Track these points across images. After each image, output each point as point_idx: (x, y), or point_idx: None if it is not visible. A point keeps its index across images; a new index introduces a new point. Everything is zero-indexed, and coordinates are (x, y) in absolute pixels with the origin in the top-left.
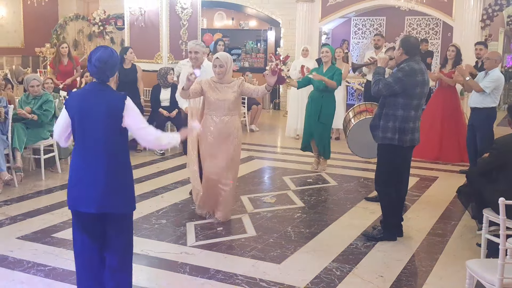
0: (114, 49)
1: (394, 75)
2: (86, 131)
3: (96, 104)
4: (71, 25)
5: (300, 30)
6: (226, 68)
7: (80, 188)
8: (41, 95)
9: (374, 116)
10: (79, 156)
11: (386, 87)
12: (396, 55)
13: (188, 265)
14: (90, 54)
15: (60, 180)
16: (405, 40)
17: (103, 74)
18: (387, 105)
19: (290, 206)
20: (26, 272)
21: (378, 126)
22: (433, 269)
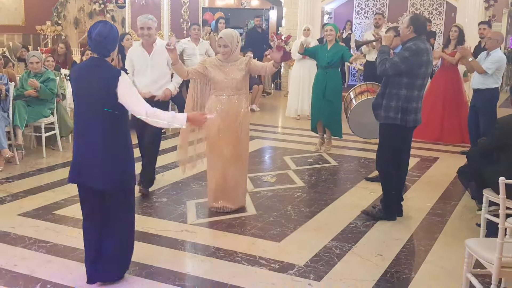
0: (114, 24)
1: (400, 54)
2: (82, 105)
3: (91, 79)
4: (72, 3)
5: (302, 10)
6: (231, 48)
7: (79, 163)
8: (42, 72)
9: (376, 95)
10: (78, 129)
11: (392, 66)
12: (403, 32)
13: (188, 242)
14: (89, 30)
15: (61, 158)
16: (415, 18)
17: (103, 49)
18: (390, 84)
19: (290, 185)
20: (27, 248)
21: (380, 105)
22: (432, 248)
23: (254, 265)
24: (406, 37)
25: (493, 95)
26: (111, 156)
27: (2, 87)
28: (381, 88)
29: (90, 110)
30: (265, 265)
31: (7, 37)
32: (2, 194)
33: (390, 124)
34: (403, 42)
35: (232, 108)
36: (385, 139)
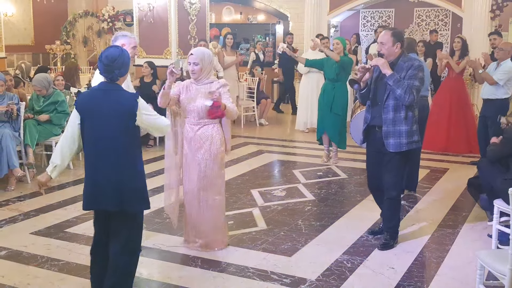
0: (126, 50)
1: (417, 77)
2: (96, 130)
3: (106, 104)
4: (81, 22)
5: (308, 23)
6: (201, 66)
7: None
8: (50, 94)
9: (386, 122)
10: (90, 155)
11: (418, 92)
12: (391, 51)
13: (200, 258)
14: (101, 53)
15: (72, 176)
16: (398, 33)
17: (111, 73)
18: (405, 107)
19: (301, 199)
20: (40, 267)
21: (397, 132)
22: (444, 260)
23: (265, 280)
24: (394, 55)
25: (503, 105)
26: (126, 178)
27: (13, 107)
28: (388, 113)
29: (104, 134)
30: (276, 280)
31: (17, 56)
32: (14, 213)
33: (410, 150)
34: (390, 60)
35: (195, 138)
36: (402, 166)
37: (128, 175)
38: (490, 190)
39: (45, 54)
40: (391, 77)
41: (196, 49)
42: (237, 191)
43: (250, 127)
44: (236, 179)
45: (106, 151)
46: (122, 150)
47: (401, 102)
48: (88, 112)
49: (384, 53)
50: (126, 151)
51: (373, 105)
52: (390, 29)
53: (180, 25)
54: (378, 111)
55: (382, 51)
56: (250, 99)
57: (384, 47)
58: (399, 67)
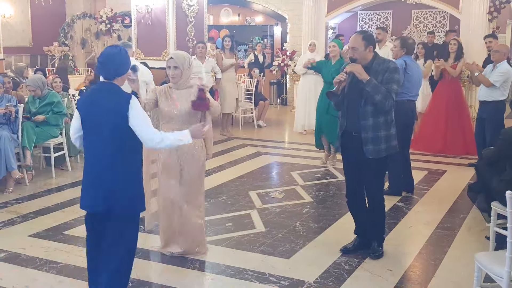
0: (125, 49)
1: (395, 79)
2: (92, 130)
3: (101, 103)
4: (79, 24)
5: (306, 25)
6: (181, 70)
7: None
8: (46, 95)
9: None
10: (88, 154)
11: (396, 96)
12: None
13: (197, 260)
14: (101, 53)
15: (70, 178)
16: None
17: (107, 71)
18: (386, 112)
19: (299, 201)
20: (38, 269)
21: (375, 138)
22: (442, 262)
23: (264, 282)
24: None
25: (500, 107)
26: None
27: (12, 109)
28: (367, 119)
29: (100, 134)
30: (275, 282)
31: (15, 58)
32: (12, 215)
33: (388, 155)
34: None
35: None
36: (382, 170)
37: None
38: (488, 191)
39: (43, 56)
40: (368, 84)
41: (175, 53)
42: (235, 193)
43: (248, 129)
44: (234, 181)
45: (100, 151)
46: (116, 151)
47: (381, 108)
48: (86, 111)
49: (357, 58)
50: (119, 152)
51: (348, 110)
52: (360, 33)
53: (178, 27)
54: (354, 116)
55: (355, 56)
56: (248, 101)
57: (357, 52)
58: (373, 71)
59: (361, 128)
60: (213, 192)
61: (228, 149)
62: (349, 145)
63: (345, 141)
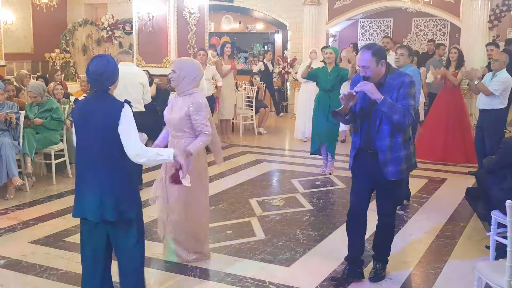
0: (111, 57)
1: (411, 94)
2: (85, 139)
3: (94, 113)
4: (80, 30)
5: (307, 33)
6: (178, 75)
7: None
8: (45, 102)
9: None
10: (80, 163)
11: (414, 112)
12: (378, 72)
13: (198, 268)
14: (88, 65)
15: (71, 185)
16: (379, 50)
17: (101, 85)
18: (403, 131)
19: (299, 209)
20: (39, 276)
21: (396, 158)
22: (442, 271)
23: None
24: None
25: (500, 115)
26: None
27: (12, 116)
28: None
29: (92, 143)
30: None
31: (16, 64)
32: (13, 222)
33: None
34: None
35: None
36: (398, 191)
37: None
38: (488, 200)
39: (44, 62)
40: (383, 104)
41: (178, 59)
42: (236, 200)
43: (249, 136)
44: (235, 189)
45: (91, 161)
46: (107, 161)
47: (400, 126)
48: (79, 120)
49: (370, 76)
50: (111, 162)
51: (361, 127)
52: (368, 48)
53: (179, 34)
54: (368, 134)
55: (367, 74)
56: (248, 108)
57: (369, 70)
58: (388, 86)
59: (378, 149)
60: (213, 199)
61: (228, 156)
62: (363, 165)
63: (359, 160)
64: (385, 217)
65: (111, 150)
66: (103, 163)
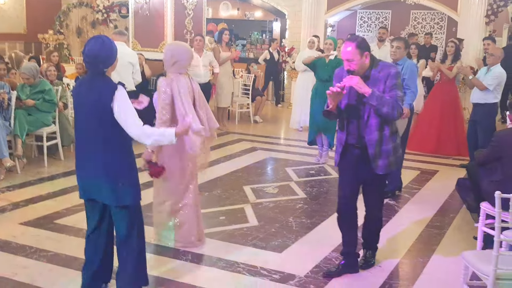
0: (107, 38)
1: (396, 86)
2: (82, 120)
3: (88, 94)
4: (75, 12)
5: (305, 22)
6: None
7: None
8: (37, 83)
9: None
10: (79, 144)
11: (402, 102)
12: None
13: (190, 253)
14: (84, 46)
15: (62, 167)
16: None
17: (96, 67)
18: (389, 123)
19: (292, 197)
20: (28, 257)
21: (384, 152)
22: (430, 260)
23: (255, 275)
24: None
25: (492, 109)
26: (112, 171)
27: (4, 96)
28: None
29: (89, 125)
30: (266, 276)
31: (9, 45)
32: (3, 203)
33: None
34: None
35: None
36: (384, 186)
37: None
38: (478, 192)
39: (37, 43)
40: (372, 97)
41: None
42: (230, 187)
43: (244, 124)
44: (230, 176)
45: (88, 142)
46: (104, 142)
47: (390, 118)
48: (76, 100)
49: (354, 70)
50: (108, 144)
51: (349, 123)
52: (352, 40)
53: (176, 19)
54: (355, 129)
55: (352, 68)
56: (245, 96)
57: (353, 63)
58: (374, 79)
59: (367, 144)
60: (207, 186)
61: (224, 144)
62: (351, 160)
63: (346, 156)
64: (373, 210)
65: (107, 133)
66: (99, 145)
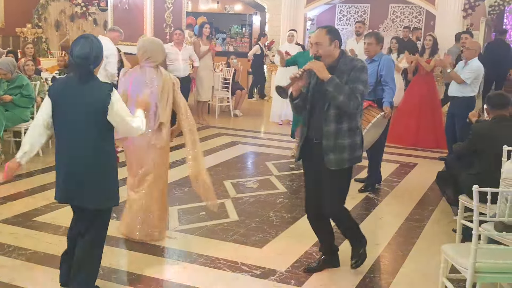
0: (95, 37)
1: (360, 79)
2: (68, 121)
3: (79, 95)
4: (53, 5)
5: (285, 16)
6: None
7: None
8: (14, 78)
9: (325, 135)
10: (60, 146)
11: (363, 97)
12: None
13: (170, 249)
14: (71, 46)
15: (41, 164)
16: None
17: (86, 68)
18: (349, 117)
19: (273, 191)
20: (7, 256)
21: (338, 146)
22: (410, 253)
23: (236, 271)
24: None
25: (470, 103)
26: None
27: None
28: (329, 125)
29: (76, 126)
30: (247, 271)
31: None
32: None
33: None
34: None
35: None
36: (344, 183)
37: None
38: (456, 185)
39: (15, 37)
40: (330, 82)
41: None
42: None
43: (225, 118)
44: (210, 170)
45: (75, 143)
46: (92, 143)
47: (344, 109)
48: (61, 100)
49: (321, 55)
50: (95, 145)
51: (310, 115)
52: (324, 27)
53: (156, 12)
54: (317, 122)
55: (319, 53)
56: (225, 90)
57: (321, 47)
58: (339, 71)
59: (324, 135)
60: (187, 181)
61: (204, 138)
62: (311, 154)
63: (306, 150)
64: (332, 212)
65: (97, 134)
66: (88, 146)
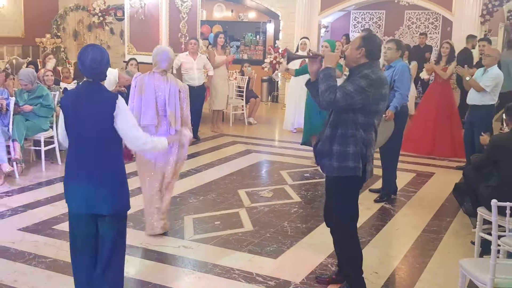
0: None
1: (355, 83)
2: (78, 131)
3: (88, 104)
4: (71, 16)
5: (299, 23)
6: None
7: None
8: (35, 89)
9: (322, 139)
10: (72, 154)
11: (345, 97)
12: (353, 55)
13: (185, 258)
14: (80, 56)
15: (60, 172)
16: (368, 38)
17: (100, 74)
18: (343, 124)
19: (287, 200)
20: (27, 264)
21: (330, 152)
22: (427, 266)
23: (250, 282)
24: (355, 61)
25: (489, 111)
26: (106, 180)
27: (3, 102)
28: (327, 129)
29: (86, 135)
30: (261, 282)
31: (7, 48)
32: (1, 209)
33: (347, 177)
34: (350, 66)
35: None
36: (344, 195)
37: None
38: (474, 197)
39: (35, 47)
40: (323, 71)
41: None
42: (224, 191)
43: (239, 126)
44: (224, 179)
45: (85, 152)
46: (101, 151)
47: (320, 98)
48: (71, 110)
49: (345, 54)
50: (104, 153)
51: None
52: (365, 33)
53: (171, 22)
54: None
55: (345, 51)
56: (239, 98)
57: (349, 48)
58: (351, 76)
59: (321, 139)
60: (202, 190)
61: (218, 146)
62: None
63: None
64: (335, 222)
65: (106, 142)
66: (97, 155)
